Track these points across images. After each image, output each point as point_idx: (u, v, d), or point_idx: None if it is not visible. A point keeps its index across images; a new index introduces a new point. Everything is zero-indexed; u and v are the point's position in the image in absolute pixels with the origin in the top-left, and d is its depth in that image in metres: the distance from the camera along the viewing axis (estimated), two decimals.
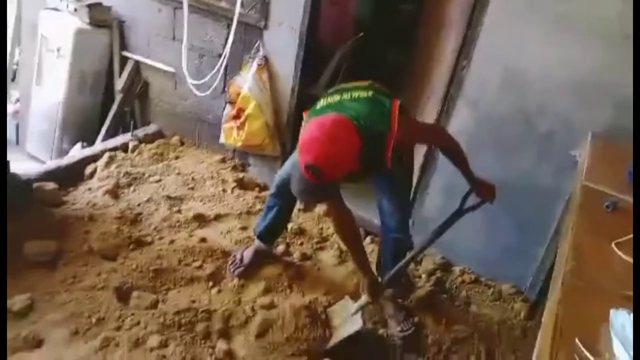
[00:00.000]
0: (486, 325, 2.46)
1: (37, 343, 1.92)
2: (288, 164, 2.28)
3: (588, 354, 0.93)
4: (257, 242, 2.49)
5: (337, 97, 1.79)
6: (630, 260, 1.25)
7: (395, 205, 2.15)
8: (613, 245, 1.33)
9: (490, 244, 2.71)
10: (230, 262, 2.44)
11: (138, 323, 2.03)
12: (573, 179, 2.05)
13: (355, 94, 1.78)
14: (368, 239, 2.92)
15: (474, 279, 2.76)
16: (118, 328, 2.01)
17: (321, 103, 1.82)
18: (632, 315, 1.02)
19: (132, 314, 2.07)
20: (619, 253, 1.29)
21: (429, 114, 2.85)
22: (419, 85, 3.18)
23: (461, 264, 2.83)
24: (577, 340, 0.97)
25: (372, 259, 2.45)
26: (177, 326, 2.03)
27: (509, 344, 2.35)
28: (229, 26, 2.99)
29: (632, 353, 0.94)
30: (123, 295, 2.17)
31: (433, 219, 2.82)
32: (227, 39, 3.03)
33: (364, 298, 2.14)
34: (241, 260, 2.43)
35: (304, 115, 1.88)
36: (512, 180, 2.55)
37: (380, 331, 2.30)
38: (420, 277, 2.71)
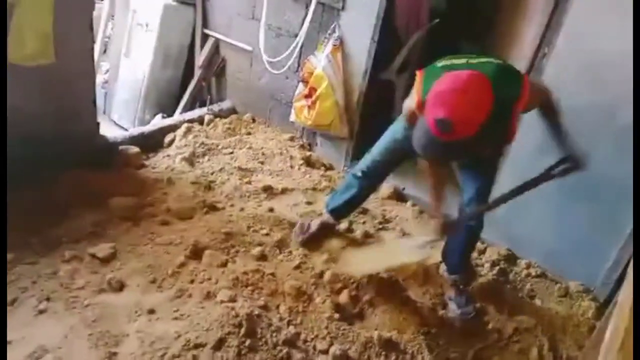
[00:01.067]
0: (551, 319, 2.39)
1: (119, 287, 2.08)
2: (381, 144, 2.29)
3: None
4: (326, 215, 2.55)
5: (462, 60, 1.75)
6: None
7: (477, 192, 2.13)
8: None
9: (560, 239, 2.62)
10: (296, 228, 2.53)
11: (209, 278, 2.15)
12: None
13: (482, 59, 1.75)
14: None
15: (540, 273, 2.68)
16: (191, 281, 2.14)
17: (442, 63, 1.77)
18: None
19: (204, 270, 2.19)
20: None
21: None
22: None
23: (527, 257, 2.75)
24: None
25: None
26: (245, 284, 2.13)
27: (575, 340, 2.27)
28: (307, 6, 3.08)
29: None
30: (196, 252, 2.29)
31: (501, 210, 2.74)
32: (304, 19, 3.11)
33: (425, 237, 2.19)
34: (308, 228, 2.51)
35: (417, 74, 1.82)
36: (588, 174, 2.45)
37: (440, 312, 2.29)
38: (482, 265, 2.67)
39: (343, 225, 2.72)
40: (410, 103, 1.84)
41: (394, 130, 2.25)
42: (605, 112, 2.33)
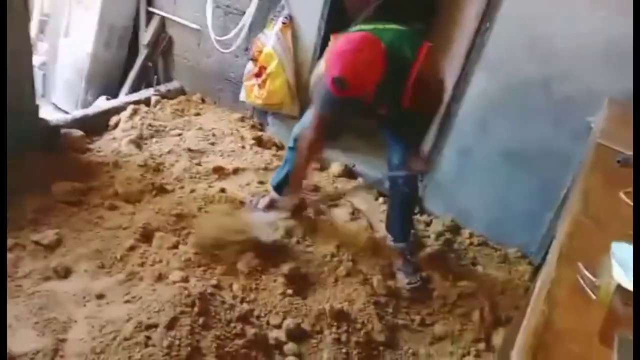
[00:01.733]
0: (491, 284, 2.54)
1: (65, 274, 2.04)
2: (308, 114, 2.34)
3: (589, 275, 1.00)
4: (272, 193, 2.59)
5: (370, 26, 1.88)
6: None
7: (404, 157, 2.23)
8: (621, 193, 1.38)
9: (501, 208, 2.77)
10: (245, 207, 2.55)
11: (160, 261, 2.14)
12: (587, 145, 2.09)
13: (389, 26, 1.89)
14: (381, 200, 3.00)
15: (481, 242, 2.83)
16: (142, 264, 2.12)
17: (353, 28, 1.91)
18: (631, 246, 1.08)
19: (155, 253, 2.18)
20: (626, 200, 1.35)
21: (448, 79, 2.87)
22: (440, 53, 3.19)
23: (470, 226, 2.89)
24: (579, 264, 1.04)
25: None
26: (197, 265, 2.13)
27: (512, 301, 2.42)
28: None
29: (631, 277, 1.00)
30: (146, 235, 2.27)
31: (446, 183, 2.91)
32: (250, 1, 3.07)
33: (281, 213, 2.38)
34: (256, 206, 2.54)
35: (332, 37, 1.98)
36: (527, 146, 2.60)
37: (389, 282, 2.38)
38: (429, 237, 2.79)
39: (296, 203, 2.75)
40: (320, 66, 1.97)
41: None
42: (543, 87, 2.45)
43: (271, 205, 2.56)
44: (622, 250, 1.09)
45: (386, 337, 2.09)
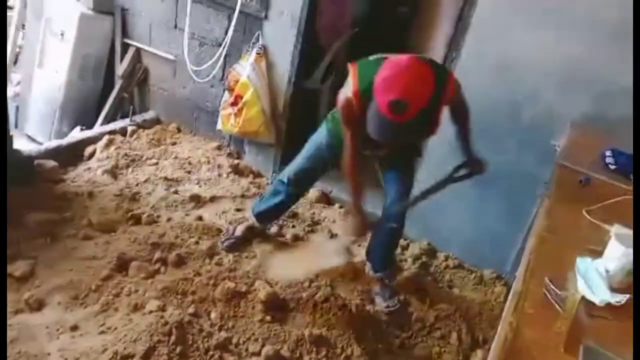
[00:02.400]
0: (468, 306, 2.57)
1: (38, 306, 2.00)
2: (306, 152, 2.34)
3: (554, 288, 1.04)
4: (252, 220, 2.59)
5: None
6: (598, 223, 1.38)
7: (400, 193, 2.24)
8: (584, 211, 1.45)
9: (475, 231, 2.84)
10: (222, 234, 2.56)
11: (137, 290, 2.12)
12: (552, 167, 2.18)
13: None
14: None
15: (457, 264, 2.88)
16: (117, 294, 2.10)
17: (374, 57, 1.86)
18: (594, 261, 1.14)
19: (131, 282, 2.16)
20: (588, 217, 1.42)
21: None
22: None
23: (446, 250, 2.95)
24: (546, 278, 1.09)
25: None
26: (175, 292, 2.12)
27: (489, 322, 2.46)
28: (230, 16, 3.11)
29: (594, 290, 1.06)
30: (122, 265, 2.25)
31: (422, 207, 2.90)
32: (227, 28, 3.14)
33: (348, 238, 2.30)
34: (233, 232, 2.55)
35: (350, 67, 1.88)
36: (497, 169, 2.64)
37: (367, 307, 2.39)
38: (406, 260, 2.83)
39: (273, 229, 2.77)
40: (346, 92, 1.87)
41: (318, 137, 2.31)
42: (510, 112, 2.56)
43: (249, 233, 2.56)
44: (586, 265, 1.15)
45: None
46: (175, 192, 2.91)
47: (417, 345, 2.29)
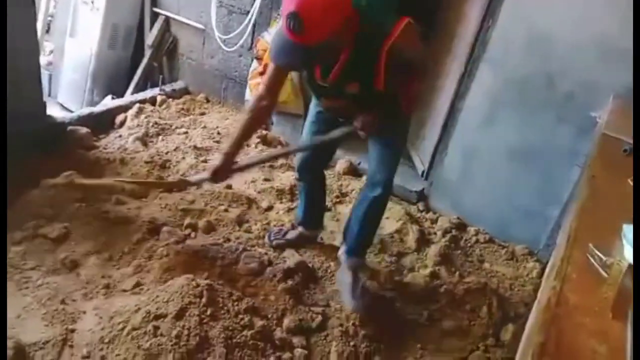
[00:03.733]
0: (499, 280, 2.53)
1: (72, 266, 2.05)
2: (304, 135, 2.19)
3: (599, 254, 1.00)
4: (301, 228, 2.41)
5: None
6: None
7: (383, 162, 2.02)
8: (629, 180, 1.39)
9: (507, 205, 2.77)
10: (274, 231, 2.40)
11: (167, 254, 2.15)
12: (592, 139, 2.09)
13: None
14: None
15: (488, 239, 2.83)
16: (149, 257, 2.13)
17: None
18: None
19: (162, 246, 2.18)
20: (632, 185, 1.35)
21: (452, 75, 2.89)
22: (444, 52, 3.21)
23: (476, 224, 2.89)
24: (590, 245, 1.04)
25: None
26: (205, 257, 2.14)
27: (521, 298, 2.42)
28: None
29: None
30: (153, 229, 2.28)
31: (452, 181, 2.91)
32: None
33: (203, 175, 2.08)
34: (284, 235, 2.39)
35: None
36: (532, 142, 2.60)
37: (396, 277, 2.37)
38: (435, 234, 2.79)
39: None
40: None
41: (310, 116, 2.16)
42: (546, 83, 2.46)
43: (300, 240, 2.40)
44: (632, 231, 1.10)
45: (394, 331, 2.09)
46: (204, 161, 2.92)
47: (446, 317, 2.26)
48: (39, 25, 3.46)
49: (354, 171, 3.18)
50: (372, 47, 1.61)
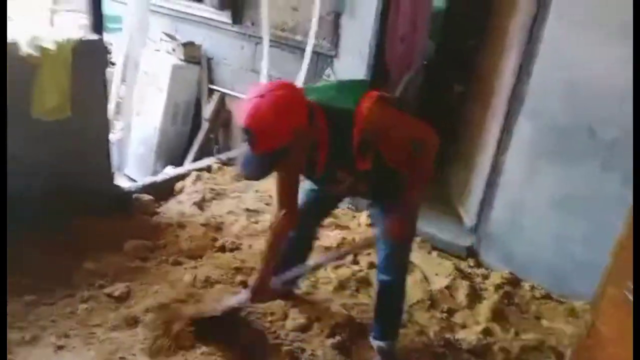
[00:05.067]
0: (557, 338, 2.41)
1: (133, 323, 2.17)
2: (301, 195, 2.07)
3: None
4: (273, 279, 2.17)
5: (321, 84, 1.77)
6: None
7: (384, 240, 1.89)
8: None
9: (558, 257, 2.68)
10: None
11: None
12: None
13: (341, 80, 1.78)
14: (434, 253, 2.99)
15: (544, 295, 2.72)
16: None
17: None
18: None
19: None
20: None
21: (492, 132, 2.94)
22: (481, 107, 3.29)
23: (530, 279, 2.80)
24: (628, 282, 1.04)
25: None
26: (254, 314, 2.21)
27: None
28: (302, 56, 3.32)
29: None
30: (206, 287, 2.39)
31: (500, 235, 2.87)
32: (301, 68, 3.35)
33: (243, 295, 2.04)
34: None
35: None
36: (579, 192, 2.55)
37: (447, 335, 2.32)
38: (487, 289, 2.72)
39: (350, 257, 2.78)
40: None
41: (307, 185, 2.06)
42: (586, 132, 2.46)
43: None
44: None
45: None
46: (256, 222, 3.06)
47: None
48: (111, 106, 3.88)
49: None
50: (346, 135, 1.56)
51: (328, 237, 2.92)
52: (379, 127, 1.59)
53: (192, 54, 3.81)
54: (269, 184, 3.54)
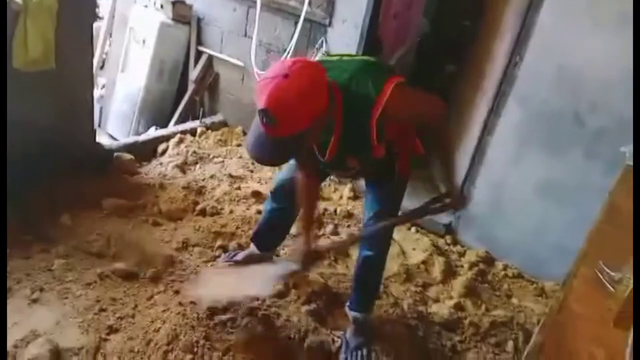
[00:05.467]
0: (526, 315, 2.48)
1: (109, 279, 2.16)
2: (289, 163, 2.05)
3: (608, 270, 1.02)
4: (251, 246, 2.33)
5: (336, 57, 1.67)
6: None
7: (375, 216, 1.89)
8: None
9: (537, 241, 2.73)
10: (228, 254, 2.37)
11: (196, 273, 2.24)
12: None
13: (356, 57, 1.67)
14: (413, 229, 3.03)
15: (516, 274, 2.79)
16: (180, 276, 2.23)
17: (320, 58, 1.73)
18: None
19: (194, 265, 2.29)
20: None
21: (479, 112, 2.96)
22: (471, 88, 3.29)
23: (505, 259, 2.86)
24: (600, 262, 1.07)
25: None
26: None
27: None
28: (295, 23, 3.25)
29: None
30: (185, 249, 2.39)
31: (480, 215, 2.91)
32: (293, 35, 3.29)
33: (291, 265, 1.95)
34: (234, 256, 2.33)
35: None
36: (562, 179, 2.59)
37: (420, 308, 2.37)
38: (462, 266, 2.78)
39: (330, 227, 2.81)
40: None
41: None
42: (573, 119, 2.48)
43: (250, 260, 2.27)
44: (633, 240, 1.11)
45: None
46: (238, 188, 3.05)
47: (470, 350, 2.24)
48: (95, 62, 3.77)
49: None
50: (361, 120, 1.50)
51: None
52: (396, 114, 1.53)
53: (182, 13, 3.70)
54: None
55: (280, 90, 1.30)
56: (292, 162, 1.96)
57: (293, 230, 2.37)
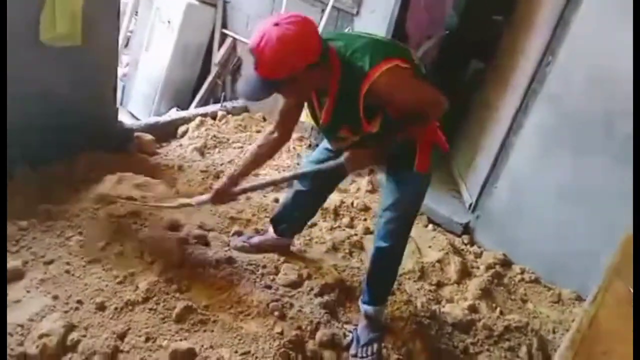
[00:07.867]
0: (541, 322, 2.44)
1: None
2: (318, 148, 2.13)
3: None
4: (269, 230, 2.34)
5: (355, 34, 1.76)
6: None
7: (389, 206, 1.89)
8: None
9: (557, 247, 2.67)
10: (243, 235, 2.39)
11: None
12: None
13: (374, 36, 1.69)
14: (430, 226, 2.99)
15: (533, 279, 2.74)
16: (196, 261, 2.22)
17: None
18: None
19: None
20: None
21: (505, 111, 2.88)
22: (498, 85, 3.21)
23: (522, 263, 2.81)
24: (633, 276, 1.02)
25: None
26: (247, 265, 2.21)
27: None
28: (322, 10, 3.20)
29: None
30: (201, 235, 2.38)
31: (499, 216, 2.85)
32: (319, 23, 3.23)
33: (203, 198, 2.07)
34: (249, 238, 2.34)
35: None
36: (588, 184, 2.51)
37: (434, 307, 2.34)
38: (478, 268, 2.73)
39: (345, 220, 2.79)
40: None
41: (319, 147, 2.13)
42: (604, 123, 2.40)
43: (264, 246, 2.31)
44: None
45: (427, 359, 2.06)
46: (256, 175, 3.03)
47: (482, 352, 2.21)
48: (120, 40, 3.77)
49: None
50: (353, 91, 1.56)
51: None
52: (387, 94, 1.56)
53: None
54: None
55: (266, 36, 1.42)
56: (323, 145, 2.04)
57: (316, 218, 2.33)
